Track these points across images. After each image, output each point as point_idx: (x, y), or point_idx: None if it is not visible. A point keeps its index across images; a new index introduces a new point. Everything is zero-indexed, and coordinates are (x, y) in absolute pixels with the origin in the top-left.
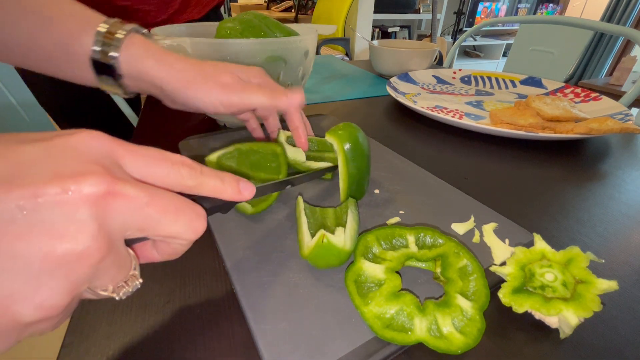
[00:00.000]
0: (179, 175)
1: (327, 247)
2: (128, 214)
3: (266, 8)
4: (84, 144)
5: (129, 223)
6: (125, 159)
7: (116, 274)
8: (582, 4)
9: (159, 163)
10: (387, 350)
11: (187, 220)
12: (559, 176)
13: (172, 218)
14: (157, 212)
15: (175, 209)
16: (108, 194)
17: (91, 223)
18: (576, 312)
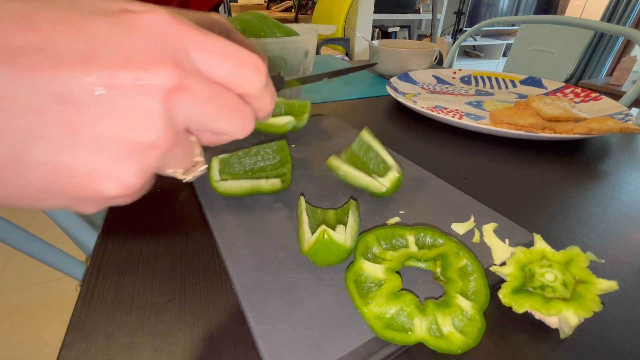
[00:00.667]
0: (245, 80)
1: (328, 243)
2: (192, 108)
3: (266, 8)
4: (153, 28)
5: (192, 116)
6: (192, 50)
7: (182, 160)
8: (582, 4)
9: (226, 61)
10: (387, 350)
11: (240, 121)
12: (559, 176)
13: (229, 116)
14: (217, 109)
15: (232, 108)
16: (177, 87)
17: (160, 116)
18: (576, 312)
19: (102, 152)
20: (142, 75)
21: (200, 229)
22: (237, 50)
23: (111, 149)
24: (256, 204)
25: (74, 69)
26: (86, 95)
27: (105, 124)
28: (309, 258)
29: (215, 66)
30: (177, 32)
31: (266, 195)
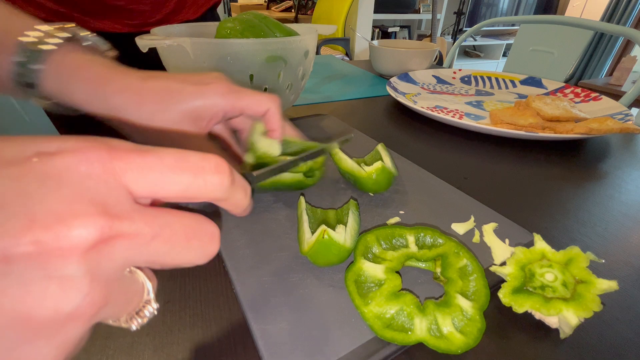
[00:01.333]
0: (205, 187)
1: (328, 243)
2: (130, 253)
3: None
4: (71, 171)
5: (132, 260)
6: (128, 176)
7: (123, 308)
8: (582, 4)
9: (176, 173)
10: (387, 350)
11: (200, 246)
12: (559, 176)
13: (183, 247)
14: (166, 244)
15: (187, 236)
16: (102, 241)
17: (80, 279)
18: (576, 312)
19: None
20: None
21: None
22: (188, 158)
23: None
24: (256, 204)
25: None
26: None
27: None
28: (309, 258)
29: (165, 184)
30: (106, 163)
31: (266, 195)
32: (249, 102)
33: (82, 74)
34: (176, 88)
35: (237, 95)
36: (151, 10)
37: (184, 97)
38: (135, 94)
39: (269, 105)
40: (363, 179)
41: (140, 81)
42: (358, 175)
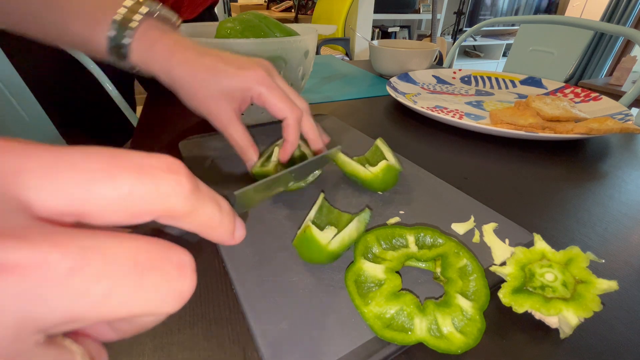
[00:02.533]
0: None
1: (308, 239)
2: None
3: (266, 8)
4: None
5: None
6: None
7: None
8: (582, 4)
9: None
10: (387, 350)
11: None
12: (559, 176)
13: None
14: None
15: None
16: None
17: None
18: (576, 312)
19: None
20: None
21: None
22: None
23: None
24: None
25: None
26: None
27: None
28: (296, 250)
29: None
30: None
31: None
32: (271, 101)
33: (156, 48)
34: (222, 68)
35: (266, 88)
36: None
37: (225, 77)
38: (190, 67)
39: (286, 114)
40: (370, 180)
41: (197, 56)
42: (364, 178)
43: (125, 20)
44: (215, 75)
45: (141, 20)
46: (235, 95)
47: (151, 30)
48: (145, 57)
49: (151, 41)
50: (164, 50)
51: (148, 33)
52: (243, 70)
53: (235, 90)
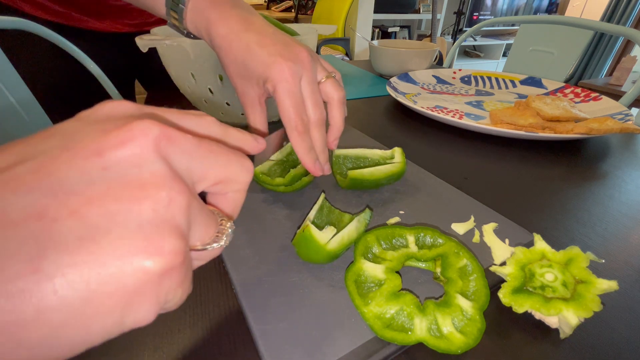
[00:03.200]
0: (207, 125)
1: (307, 239)
2: (187, 156)
3: (266, 8)
4: (115, 109)
5: (191, 167)
6: (156, 114)
7: (208, 222)
8: (582, 4)
9: (186, 117)
10: (387, 350)
11: (238, 159)
12: (559, 176)
13: (224, 158)
14: (211, 153)
15: (223, 151)
16: (162, 136)
17: (163, 167)
18: (576, 312)
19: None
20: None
21: None
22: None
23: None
24: (256, 204)
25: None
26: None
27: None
28: (295, 248)
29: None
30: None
31: (266, 195)
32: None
33: (204, 15)
34: (255, 51)
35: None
36: None
37: (253, 61)
38: (229, 41)
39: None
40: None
41: (239, 29)
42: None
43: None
44: (246, 57)
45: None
46: (258, 82)
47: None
48: (196, 23)
49: (200, 9)
50: (210, 19)
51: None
52: (271, 59)
53: (258, 78)
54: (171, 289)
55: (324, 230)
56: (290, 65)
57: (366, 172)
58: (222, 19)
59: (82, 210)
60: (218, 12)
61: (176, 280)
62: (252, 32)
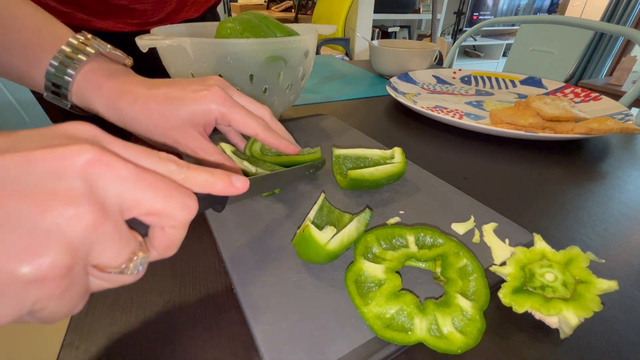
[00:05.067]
0: (167, 169)
1: (307, 239)
2: (119, 183)
3: (266, 8)
4: (74, 129)
5: (122, 193)
6: (112, 145)
7: (118, 247)
8: (582, 4)
9: (146, 155)
10: (387, 350)
11: (179, 197)
12: (559, 176)
13: (162, 194)
14: (148, 186)
15: (165, 186)
16: (97, 161)
17: (81, 186)
18: (576, 312)
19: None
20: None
21: (200, 228)
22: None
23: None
24: (256, 204)
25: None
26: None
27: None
28: (295, 249)
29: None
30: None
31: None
32: (237, 119)
33: (102, 90)
34: (177, 96)
35: (228, 108)
36: (153, 9)
37: (183, 105)
38: (143, 105)
39: (255, 130)
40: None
41: (147, 90)
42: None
43: (68, 59)
44: (172, 105)
45: (86, 61)
46: (198, 121)
47: (95, 72)
48: (89, 98)
49: (95, 83)
50: (111, 92)
51: (92, 74)
52: (200, 94)
53: (197, 115)
54: (41, 299)
55: (324, 230)
56: (219, 88)
57: (366, 172)
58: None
59: None
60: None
61: (48, 292)
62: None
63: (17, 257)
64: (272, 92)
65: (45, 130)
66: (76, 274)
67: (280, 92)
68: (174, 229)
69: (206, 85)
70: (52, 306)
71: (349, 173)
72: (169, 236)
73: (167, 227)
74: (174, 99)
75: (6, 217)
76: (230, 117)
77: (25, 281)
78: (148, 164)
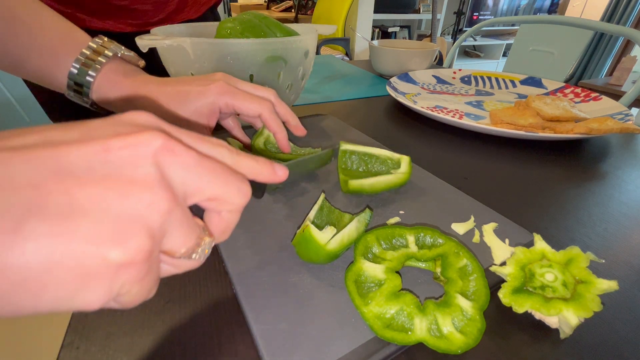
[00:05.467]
0: (219, 153)
1: (307, 239)
2: (184, 170)
3: (266, 8)
4: (136, 117)
5: (186, 180)
6: (175, 133)
7: (187, 232)
8: (582, 4)
9: (201, 141)
10: (387, 350)
11: (235, 182)
12: (559, 176)
13: (222, 179)
14: (209, 172)
15: (223, 172)
16: (164, 148)
17: (154, 172)
18: (576, 312)
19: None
20: (131, 140)
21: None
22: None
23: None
24: (256, 204)
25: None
26: (84, 166)
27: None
28: (295, 249)
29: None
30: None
31: (266, 196)
32: (241, 104)
33: (120, 87)
34: (185, 90)
35: (232, 96)
36: (154, 9)
37: (190, 98)
38: (154, 100)
39: (260, 111)
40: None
41: (158, 87)
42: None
43: (89, 60)
44: (180, 99)
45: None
46: (203, 112)
47: (114, 71)
48: (108, 95)
49: (113, 81)
50: (127, 90)
51: (111, 73)
52: (205, 87)
53: (202, 107)
54: (127, 283)
55: (324, 230)
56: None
57: (366, 183)
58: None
59: (73, 190)
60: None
61: (134, 275)
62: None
63: (106, 243)
64: None
65: (111, 120)
66: (154, 259)
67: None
68: (230, 213)
69: (211, 80)
70: (135, 290)
71: (348, 183)
72: (226, 220)
73: (224, 211)
74: (182, 93)
75: (92, 205)
76: (234, 103)
77: (116, 265)
78: (204, 149)
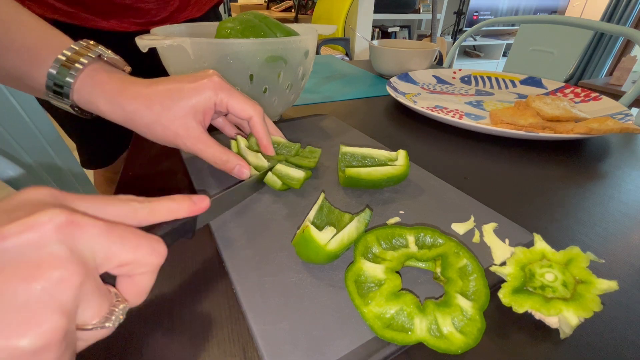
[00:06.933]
0: (131, 208)
1: (307, 239)
2: (92, 241)
3: (266, 8)
4: (32, 195)
5: (96, 250)
6: (75, 203)
7: (99, 302)
8: (582, 4)
9: (108, 202)
10: (387, 350)
11: (148, 244)
12: (559, 176)
13: (133, 244)
14: (118, 239)
15: (134, 235)
16: (68, 222)
17: (62, 249)
18: (576, 312)
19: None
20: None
21: (200, 229)
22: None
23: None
24: (256, 204)
25: None
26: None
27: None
28: (295, 249)
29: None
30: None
31: (266, 195)
32: (234, 103)
33: (104, 87)
34: (176, 88)
35: (226, 92)
36: (157, 8)
37: (183, 95)
38: (144, 99)
39: (251, 114)
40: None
41: (147, 87)
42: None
43: (70, 61)
44: (173, 97)
45: (89, 62)
46: (198, 109)
47: (97, 72)
48: (90, 96)
49: (97, 82)
50: (112, 89)
51: (94, 74)
52: (198, 83)
53: (197, 103)
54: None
55: (324, 230)
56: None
57: (363, 171)
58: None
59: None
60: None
61: (54, 356)
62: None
63: (16, 333)
64: (272, 92)
65: (5, 204)
66: (71, 333)
67: (280, 92)
68: (143, 276)
69: (203, 76)
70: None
71: (345, 170)
72: (138, 283)
73: (137, 275)
74: (174, 91)
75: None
76: (227, 102)
77: (31, 352)
78: (112, 209)
